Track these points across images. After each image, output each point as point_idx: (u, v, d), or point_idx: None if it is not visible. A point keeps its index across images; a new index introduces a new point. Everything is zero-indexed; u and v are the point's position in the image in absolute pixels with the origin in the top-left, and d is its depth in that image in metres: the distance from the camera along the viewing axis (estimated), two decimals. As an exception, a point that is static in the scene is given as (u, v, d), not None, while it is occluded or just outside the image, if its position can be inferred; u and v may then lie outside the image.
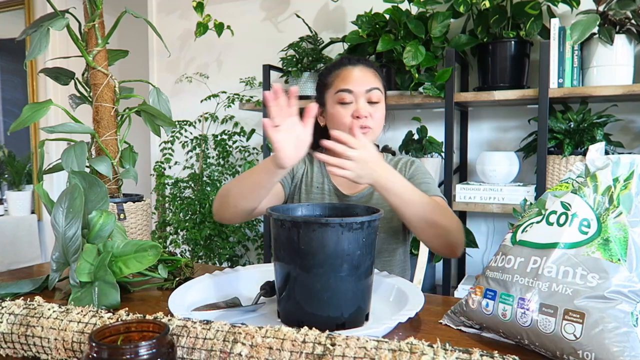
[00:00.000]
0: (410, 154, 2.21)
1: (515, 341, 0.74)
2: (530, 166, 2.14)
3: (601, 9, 1.85)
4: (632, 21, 1.80)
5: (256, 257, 2.73)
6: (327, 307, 0.80)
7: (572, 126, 1.92)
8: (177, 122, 2.71)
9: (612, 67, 1.82)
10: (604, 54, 1.83)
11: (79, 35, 1.53)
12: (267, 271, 1.02)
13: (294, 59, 2.36)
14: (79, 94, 1.60)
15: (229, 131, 2.72)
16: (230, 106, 2.70)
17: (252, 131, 2.69)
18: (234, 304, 0.89)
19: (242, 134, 2.73)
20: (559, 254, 0.71)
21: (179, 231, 2.63)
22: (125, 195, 1.63)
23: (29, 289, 1.04)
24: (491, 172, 2.03)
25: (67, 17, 1.42)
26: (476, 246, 2.16)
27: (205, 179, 2.69)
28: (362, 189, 1.28)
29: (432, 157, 2.19)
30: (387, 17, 2.10)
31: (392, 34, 2.08)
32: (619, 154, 1.41)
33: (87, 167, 1.47)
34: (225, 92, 2.74)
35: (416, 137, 2.24)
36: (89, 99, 1.57)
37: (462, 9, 1.94)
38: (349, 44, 2.22)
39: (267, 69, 2.40)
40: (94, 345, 0.52)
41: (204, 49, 2.93)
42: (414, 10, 2.13)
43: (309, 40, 2.41)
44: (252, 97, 2.67)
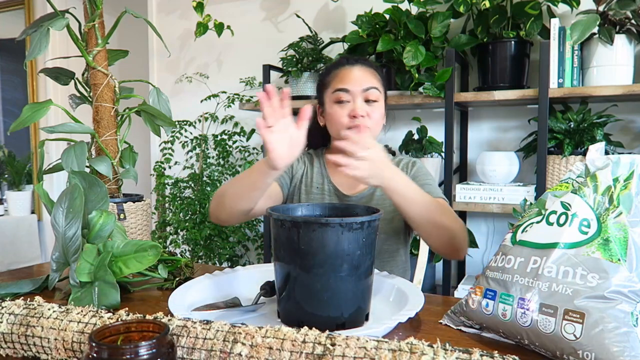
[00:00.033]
0: (410, 154, 2.20)
1: (515, 341, 0.74)
2: (530, 166, 2.14)
3: (601, 9, 1.85)
4: (632, 21, 1.80)
5: (256, 257, 2.73)
6: (327, 307, 0.80)
7: (572, 126, 1.92)
8: (177, 122, 2.71)
9: (612, 67, 1.82)
10: (604, 54, 1.83)
11: (79, 35, 1.53)
12: (267, 271, 1.02)
13: (294, 59, 2.36)
14: (79, 94, 1.60)
15: (229, 131, 2.73)
16: (230, 106, 2.70)
17: (252, 131, 2.69)
18: (234, 304, 0.89)
19: (242, 134, 2.73)
20: (559, 254, 0.71)
21: (179, 231, 2.63)
22: (125, 195, 1.63)
23: (29, 289, 1.04)
24: (491, 172, 2.03)
25: (67, 17, 1.42)
26: (476, 246, 2.16)
27: (205, 179, 2.69)
28: (362, 190, 1.28)
29: (432, 157, 2.19)
30: (387, 17, 2.10)
31: (392, 34, 2.08)
32: (619, 154, 1.41)
33: (87, 167, 1.47)
34: (225, 92, 2.74)
35: (416, 137, 2.24)
36: (89, 99, 1.57)
37: (462, 9, 1.94)
38: (349, 44, 2.22)
39: (267, 69, 2.40)
40: (94, 345, 0.52)
41: (204, 49, 2.93)
42: (414, 10, 2.13)
43: (309, 40, 2.41)
44: (252, 97, 2.66)
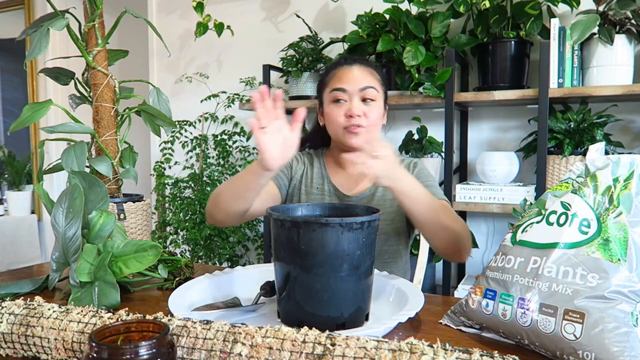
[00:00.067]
0: (410, 154, 2.20)
1: (515, 341, 0.74)
2: (530, 166, 2.14)
3: (601, 9, 1.85)
4: (632, 21, 1.80)
5: (256, 257, 2.73)
6: (327, 307, 0.80)
7: (572, 126, 1.92)
8: (177, 122, 2.71)
9: (612, 67, 1.82)
10: (604, 54, 1.83)
11: (79, 35, 1.53)
12: (267, 271, 1.02)
13: (294, 59, 2.36)
14: (79, 94, 1.60)
15: (229, 131, 2.72)
16: (230, 106, 2.70)
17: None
18: (234, 304, 0.89)
19: (242, 134, 2.73)
20: (559, 254, 0.71)
21: (179, 231, 2.63)
22: (125, 195, 1.63)
23: (29, 289, 1.04)
24: (491, 172, 2.03)
25: (67, 17, 1.42)
26: (476, 246, 2.16)
27: (205, 179, 2.69)
28: (363, 190, 1.27)
29: (432, 157, 2.19)
30: (387, 17, 2.10)
31: (392, 34, 2.08)
32: (619, 154, 1.41)
33: (87, 167, 1.47)
34: (225, 92, 2.74)
35: (416, 137, 2.24)
36: (89, 99, 1.57)
37: (462, 9, 1.94)
38: (349, 44, 2.22)
39: (267, 69, 2.40)
40: (94, 345, 0.52)
41: (204, 49, 2.93)
42: (414, 10, 2.13)
43: (309, 40, 2.41)
44: (252, 97, 2.66)
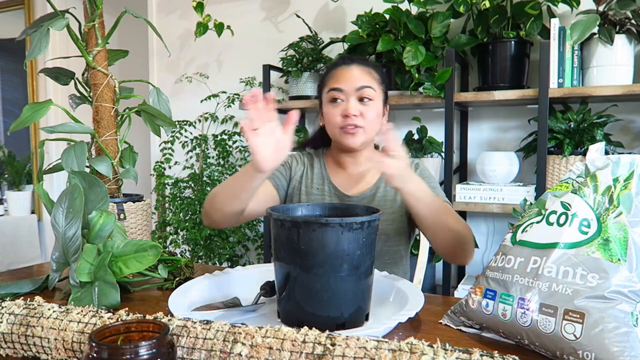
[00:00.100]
0: (410, 154, 2.21)
1: (515, 341, 0.74)
2: (530, 166, 2.14)
3: (601, 9, 1.85)
4: (632, 21, 1.80)
5: (256, 257, 2.73)
6: (327, 307, 0.80)
7: (572, 126, 1.92)
8: (177, 122, 2.71)
9: (612, 67, 1.82)
10: (604, 54, 1.83)
11: (79, 35, 1.53)
12: (267, 271, 1.02)
13: (294, 59, 2.36)
14: (79, 94, 1.60)
15: (229, 131, 2.72)
16: (230, 106, 2.70)
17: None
18: (234, 304, 0.89)
19: (242, 134, 2.73)
20: (559, 254, 0.71)
21: (179, 231, 2.63)
22: (125, 195, 1.63)
23: (29, 289, 1.04)
24: (491, 172, 2.03)
25: (67, 17, 1.42)
26: (476, 246, 2.16)
27: (205, 179, 2.69)
28: (363, 190, 1.27)
29: (432, 157, 2.19)
30: (387, 17, 2.10)
31: (392, 34, 2.08)
32: (619, 154, 1.41)
33: (87, 167, 1.47)
34: (225, 92, 2.74)
35: (416, 137, 2.24)
36: (89, 99, 1.57)
37: (462, 9, 1.94)
38: (349, 44, 2.22)
39: (267, 69, 2.40)
40: (94, 345, 0.52)
41: (204, 49, 2.93)
42: (414, 10, 2.13)
43: (309, 40, 2.41)
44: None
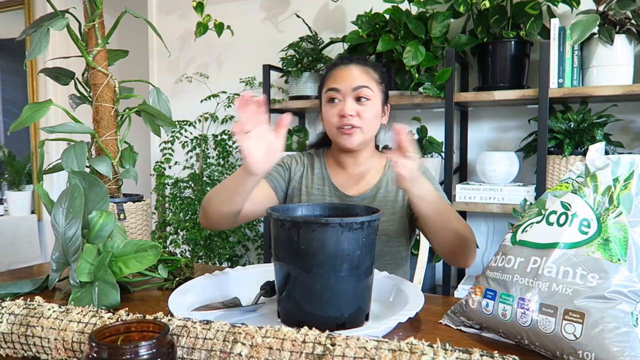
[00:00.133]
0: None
1: (515, 341, 0.74)
2: (530, 166, 2.14)
3: (601, 9, 1.85)
4: (632, 21, 1.80)
5: (256, 257, 2.73)
6: (327, 307, 0.80)
7: (572, 126, 1.92)
8: (177, 122, 2.71)
9: (612, 67, 1.82)
10: (604, 54, 1.83)
11: (79, 35, 1.53)
12: (267, 271, 1.02)
13: (294, 59, 2.36)
14: (79, 94, 1.60)
15: (229, 131, 2.72)
16: (230, 106, 2.70)
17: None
18: (234, 304, 0.89)
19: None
20: (559, 254, 0.71)
21: (179, 231, 2.63)
22: (125, 195, 1.63)
23: (29, 289, 1.04)
24: (491, 172, 2.03)
25: (67, 17, 1.42)
26: (476, 246, 2.16)
27: (205, 179, 2.69)
28: (365, 190, 1.27)
29: (432, 157, 2.18)
30: (387, 17, 2.10)
31: (392, 34, 2.08)
32: (619, 154, 1.41)
33: (87, 167, 1.47)
34: (225, 92, 2.74)
35: (416, 137, 2.24)
36: (89, 99, 1.57)
37: (462, 9, 1.94)
38: (349, 44, 2.22)
39: (267, 69, 2.40)
40: (94, 345, 0.52)
41: (204, 49, 2.93)
42: (414, 10, 2.13)
43: (309, 40, 2.41)
44: (252, 97, 2.66)
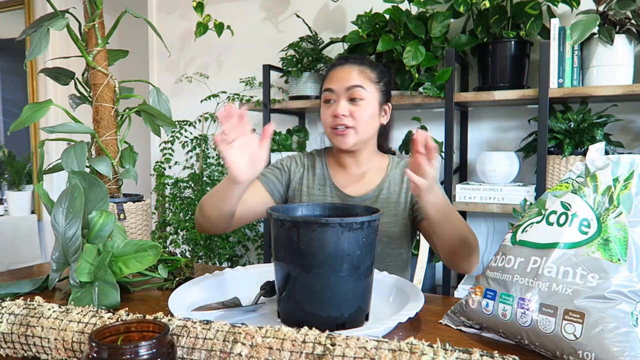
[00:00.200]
0: (410, 154, 2.20)
1: (515, 341, 0.74)
2: (530, 166, 2.14)
3: (601, 9, 1.85)
4: (632, 21, 1.80)
5: (256, 257, 2.73)
6: (327, 307, 0.80)
7: (572, 126, 1.92)
8: (177, 122, 2.71)
9: (612, 67, 1.82)
10: (604, 54, 1.83)
11: (79, 35, 1.53)
12: (267, 271, 1.02)
13: (294, 59, 2.36)
14: (79, 94, 1.60)
15: (228, 131, 2.72)
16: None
17: (252, 131, 2.69)
18: (234, 304, 0.89)
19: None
20: (559, 254, 0.71)
21: (179, 231, 2.63)
22: (125, 195, 1.63)
23: (29, 289, 1.04)
24: (491, 172, 2.03)
25: (67, 17, 1.42)
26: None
27: (205, 179, 2.69)
28: (367, 191, 1.27)
29: (432, 157, 2.18)
30: (387, 17, 2.10)
31: (392, 34, 2.08)
32: (619, 154, 1.41)
33: (87, 167, 1.47)
34: (225, 92, 2.74)
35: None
36: (89, 99, 1.57)
37: (462, 9, 1.94)
38: (349, 44, 2.22)
39: (267, 69, 2.40)
40: (94, 345, 0.52)
41: (204, 49, 2.93)
42: (414, 10, 2.13)
43: (309, 40, 2.41)
44: (252, 97, 2.66)
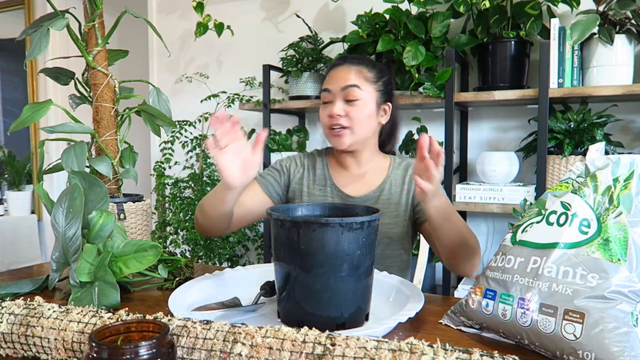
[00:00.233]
0: (410, 154, 2.20)
1: (515, 341, 0.74)
2: (530, 166, 2.14)
3: (601, 9, 1.85)
4: (632, 21, 1.80)
5: (256, 257, 2.73)
6: (327, 307, 0.80)
7: (572, 126, 1.92)
8: (177, 122, 2.71)
9: (612, 67, 1.82)
10: (604, 54, 1.83)
11: (79, 35, 1.53)
12: (267, 271, 1.02)
13: (294, 59, 2.36)
14: (79, 94, 1.60)
15: (228, 131, 2.72)
16: (230, 106, 2.70)
17: (252, 131, 2.69)
18: (234, 304, 0.89)
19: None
20: (559, 254, 0.71)
21: (179, 231, 2.63)
22: (125, 195, 1.63)
23: (29, 289, 1.04)
24: (491, 172, 2.03)
25: (67, 17, 1.42)
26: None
27: (205, 179, 2.69)
28: (368, 192, 1.27)
29: (432, 157, 2.18)
30: (387, 17, 2.10)
31: (392, 34, 2.08)
32: (619, 154, 1.41)
33: (87, 167, 1.47)
34: (225, 92, 2.74)
35: (416, 137, 2.24)
36: (89, 99, 1.57)
37: (462, 9, 1.94)
38: (349, 44, 2.22)
39: (267, 69, 2.40)
40: (94, 345, 0.52)
41: (204, 49, 2.93)
42: (414, 10, 2.13)
43: (309, 40, 2.41)
44: (252, 97, 2.66)
